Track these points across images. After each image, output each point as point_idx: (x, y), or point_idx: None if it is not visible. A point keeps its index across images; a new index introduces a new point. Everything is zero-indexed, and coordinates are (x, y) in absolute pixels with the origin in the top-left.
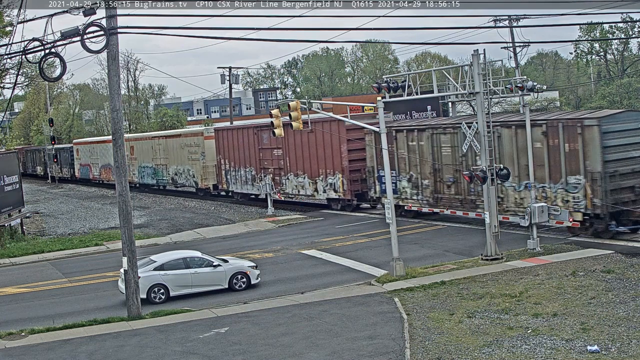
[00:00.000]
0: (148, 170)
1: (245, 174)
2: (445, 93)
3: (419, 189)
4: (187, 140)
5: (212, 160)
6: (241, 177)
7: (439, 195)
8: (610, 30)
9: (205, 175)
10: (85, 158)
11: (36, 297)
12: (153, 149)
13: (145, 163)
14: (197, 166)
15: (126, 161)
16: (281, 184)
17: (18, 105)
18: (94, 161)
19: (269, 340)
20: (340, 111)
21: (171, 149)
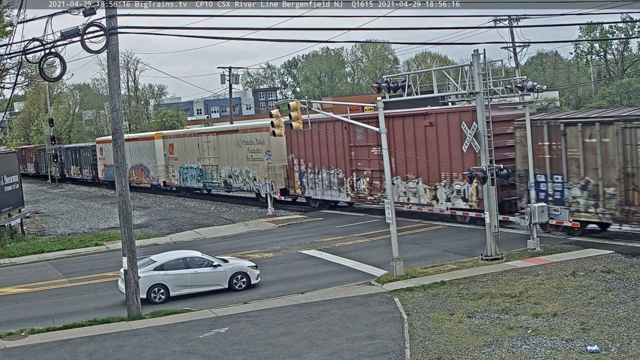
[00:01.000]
0: (192, 172)
1: (329, 176)
2: (445, 93)
3: (600, 199)
4: (246, 137)
5: (280, 160)
6: (322, 181)
7: (630, 208)
8: (610, 30)
9: (272, 178)
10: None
11: (36, 297)
12: (200, 147)
13: (189, 163)
14: (260, 167)
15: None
16: (381, 189)
17: (18, 105)
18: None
19: (269, 340)
20: (340, 111)
21: (224, 147)
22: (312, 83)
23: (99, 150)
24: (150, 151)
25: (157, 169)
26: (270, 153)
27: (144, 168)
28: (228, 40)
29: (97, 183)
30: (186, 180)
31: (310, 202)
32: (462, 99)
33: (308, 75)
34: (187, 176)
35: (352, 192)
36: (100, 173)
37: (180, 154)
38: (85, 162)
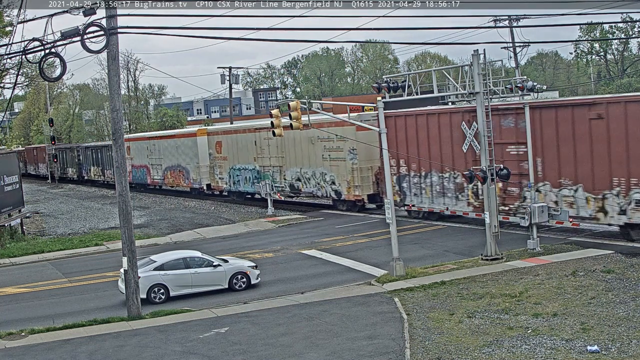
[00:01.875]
0: (247, 174)
1: (441, 180)
2: (445, 93)
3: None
4: (323, 133)
5: (368, 160)
6: (432, 186)
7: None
8: (610, 30)
9: (357, 182)
10: (140, 158)
11: (36, 297)
12: (257, 145)
13: (242, 164)
14: (342, 169)
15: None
16: (520, 197)
17: (18, 105)
18: (154, 161)
19: (268, 340)
20: (340, 111)
21: (290, 145)
22: (312, 83)
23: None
24: (190, 150)
25: (200, 170)
26: (355, 152)
27: (182, 169)
28: (228, 40)
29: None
30: (238, 184)
31: (410, 212)
32: (462, 99)
33: (308, 75)
34: (239, 179)
35: (476, 201)
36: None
37: (230, 153)
38: (109, 163)
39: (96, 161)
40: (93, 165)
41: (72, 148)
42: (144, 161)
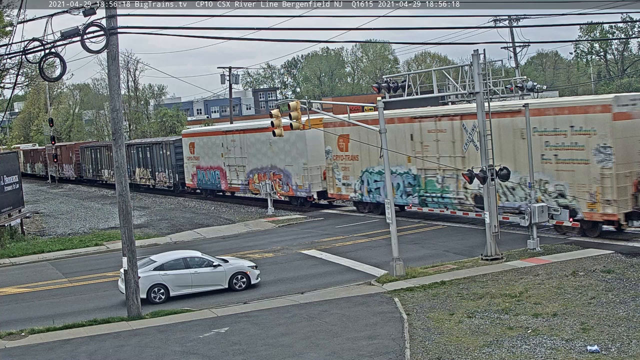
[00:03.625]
0: (396, 180)
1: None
2: (445, 93)
3: None
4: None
5: (626, 162)
6: None
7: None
8: (610, 30)
9: (609, 195)
10: (210, 157)
11: (36, 297)
12: (414, 140)
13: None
14: (580, 175)
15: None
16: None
17: (18, 105)
18: (234, 162)
19: (269, 340)
20: (340, 111)
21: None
22: (312, 83)
23: (188, 146)
24: (294, 147)
25: (309, 174)
26: (608, 150)
27: (280, 172)
28: (228, 40)
29: (180, 192)
30: (378, 192)
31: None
32: (462, 99)
33: (308, 75)
34: (377, 186)
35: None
36: (191, 178)
37: (363, 152)
38: (161, 163)
39: (143, 161)
40: (138, 167)
41: (109, 147)
42: (217, 161)
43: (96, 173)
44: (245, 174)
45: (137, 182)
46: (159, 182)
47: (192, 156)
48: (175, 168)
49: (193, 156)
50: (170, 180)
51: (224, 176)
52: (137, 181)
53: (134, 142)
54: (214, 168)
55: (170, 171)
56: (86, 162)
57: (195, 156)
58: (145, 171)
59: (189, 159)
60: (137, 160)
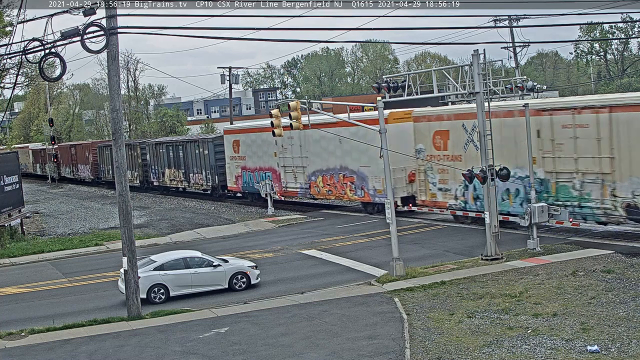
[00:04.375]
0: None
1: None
2: (445, 93)
3: None
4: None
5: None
6: None
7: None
8: (610, 30)
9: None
10: (258, 157)
11: (36, 297)
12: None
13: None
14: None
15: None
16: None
17: (18, 105)
18: (291, 161)
19: (269, 340)
20: (340, 111)
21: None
22: (312, 83)
23: (231, 144)
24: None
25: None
26: None
27: (352, 174)
28: (228, 40)
29: (220, 197)
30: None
31: None
32: (462, 99)
33: (308, 75)
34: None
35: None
36: (232, 180)
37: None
38: (197, 164)
39: (174, 161)
40: (168, 167)
41: (134, 145)
42: (268, 162)
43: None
44: (306, 176)
45: (166, 184)
46: (193, 185)
47: (236, 155)
48: (214, 169)
49: (237, 155)
50: (208, 182)
51: (277, 178)
52: (167, 183)
53: (163, 140)
54: (265, 169)
55: (207, 172)
56: (105, 163)
57: (240, 155)
58: (176, 172)
59: (233, 158)
60: (167, 160)
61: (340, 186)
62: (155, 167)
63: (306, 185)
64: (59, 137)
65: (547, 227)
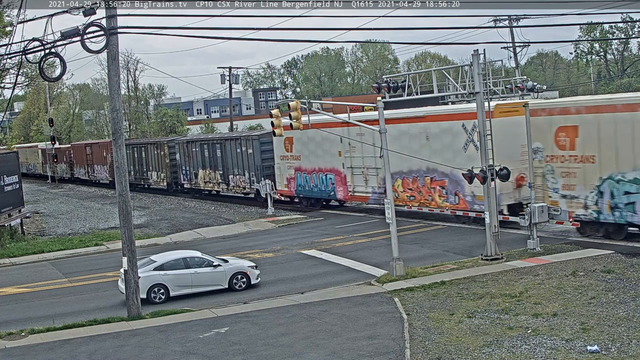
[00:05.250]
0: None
1: None
2: (445, 93)
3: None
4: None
5: None
6: None
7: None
8: (610, 30)
9: None
10: (316, 156)
11: (36, 297)
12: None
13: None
14: None
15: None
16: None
17: (18, 105)
18: (360, 162)
19: (269, 340)
20: (340, 111)
21: None
22: (312, 83)
23: (282, 142)
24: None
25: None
26: None
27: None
28: (228, 40)
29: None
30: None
31: None
32: (462, 99)
33: (308, 75)
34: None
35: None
36: (284, 183)
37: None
38: (239, 164)
39: (211, 161)
40: (202, 168)
41: (160, 143)
42: (331, 162)
43: (140, 176)
44: (380, 179)
45: (199, 186)
46: (233, 188)
47: (288, 155)
48: (260, 170)
49: (290, 155)
50: (253, 185)
51: (342, 181)
52: (200, 186)
53: (197, 137)
54: (325, 170)
55: (252, 174)
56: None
57: (293, 155)
58: (212, 174)
59: (284, 158)
60: (202, 160)
61: (426, 191)
62: (186, 168)
63: (380, 189)
64: (59, 137)
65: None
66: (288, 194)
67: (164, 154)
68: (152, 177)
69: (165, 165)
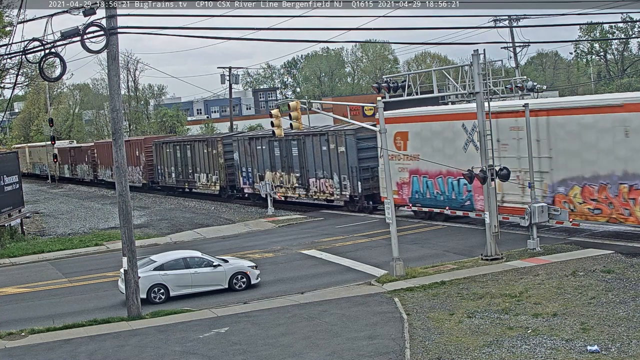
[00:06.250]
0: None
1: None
2: (445, 93)
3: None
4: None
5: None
6: None
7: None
8: (610, 30)
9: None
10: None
11: (36, 297)
12: None
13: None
14: None
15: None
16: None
17: (18, 105)
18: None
19: (269, 340)
20: (340, 111)
21: None
22: (312, 83)
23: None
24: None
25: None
26: None
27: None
28: (228, 40)
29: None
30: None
31: None
32: (462, 99)
33: (308, 75)
34: None
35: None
36: (403, 192)
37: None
38: (325, 165)
39: (284, 161)
40: (271, 169)
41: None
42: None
43: (184, 178)
44: (547, 185)
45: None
46: (315, 194)
47: (400, 154)
48: (356, 172)
49: (403, 154)
50: (344, 190)
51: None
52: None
53: (267, 134)
54: (458, 174)
55: (343, 177)
56: (164, 164)
57: (408, 154)
58: (285, 177)
59: (394, 158)
60: (270, 160)
61: (620, 203)
62: (247, 169)
63: (546, 199)
64: (59, 137)
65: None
66: (399, 203)
67: (216, 152)
68: (199, 179)
69: (219, 166)
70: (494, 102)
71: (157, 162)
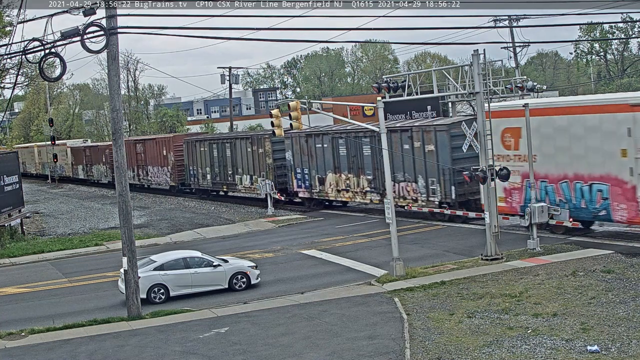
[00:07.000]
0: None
1: None
2: (445, 93)
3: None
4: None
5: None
6: None
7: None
8: (610, 30)
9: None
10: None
11: (36, 297)
12: None
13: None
14: None
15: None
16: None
17: (18, 105)
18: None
19: (268, 340)
20: (340, 111)
21: None
22: (312, 83)
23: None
24: None
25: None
26: None
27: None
28: (228, 40)
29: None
30: None
31: None
32: (462, 99)
33: (308, 75)
34: None
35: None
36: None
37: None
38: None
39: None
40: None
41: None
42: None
43: (222, 180)
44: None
45: (326, 195)
46: (415, 196)
47: (509, 154)
48: (450, 175)
49: (513, 154)
50: (433, 196)
51: (625, 195)
52: (329, 195)
53: (327, 129)
54: (590, 179)
55: (432, 181)
56: (196, 164)
57: (518, 154)
58: (353, 179)
59: (501, 159)
60: (334, 159)
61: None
62: (303, 171)
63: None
64: (59, 137)
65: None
66: (506, 211)
67: (263, 151)
68: (242, 181)
69: (267, 167)
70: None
71: (188, 162)
